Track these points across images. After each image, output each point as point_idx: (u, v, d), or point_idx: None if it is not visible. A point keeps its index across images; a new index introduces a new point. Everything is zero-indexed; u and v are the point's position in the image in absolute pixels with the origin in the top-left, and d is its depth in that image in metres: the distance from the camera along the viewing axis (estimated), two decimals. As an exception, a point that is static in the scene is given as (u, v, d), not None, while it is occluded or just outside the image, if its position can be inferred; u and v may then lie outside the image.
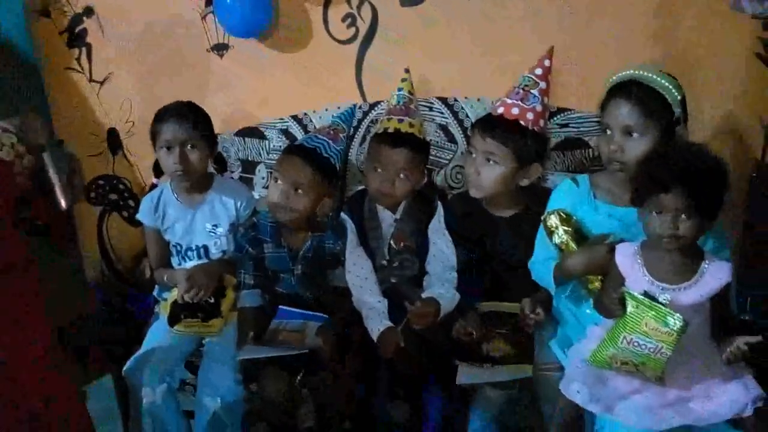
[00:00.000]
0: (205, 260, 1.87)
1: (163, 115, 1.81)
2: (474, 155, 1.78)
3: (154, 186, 1.99)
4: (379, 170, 1.85)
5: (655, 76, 1.54)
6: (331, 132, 1.89)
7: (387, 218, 1.91)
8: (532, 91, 1.76)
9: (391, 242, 1.89)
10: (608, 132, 1.56)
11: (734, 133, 2.04)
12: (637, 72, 1.56)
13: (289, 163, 1.80)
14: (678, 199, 1.32)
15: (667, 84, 1.53)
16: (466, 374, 1.59)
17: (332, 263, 1.85)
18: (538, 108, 1.75)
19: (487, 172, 1.75)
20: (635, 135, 1.52)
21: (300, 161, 1.78)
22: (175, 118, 1.79)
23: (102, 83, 2.32)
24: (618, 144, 1.53)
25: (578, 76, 2.02)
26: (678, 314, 1.29)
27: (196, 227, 1.87)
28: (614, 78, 1.59)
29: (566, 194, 1.66)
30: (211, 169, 1.97)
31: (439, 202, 1.91)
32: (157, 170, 1.88)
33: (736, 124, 2.04)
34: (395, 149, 1.82)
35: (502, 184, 1.76)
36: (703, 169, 1.33)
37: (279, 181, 1.79)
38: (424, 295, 1.75)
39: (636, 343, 1.31)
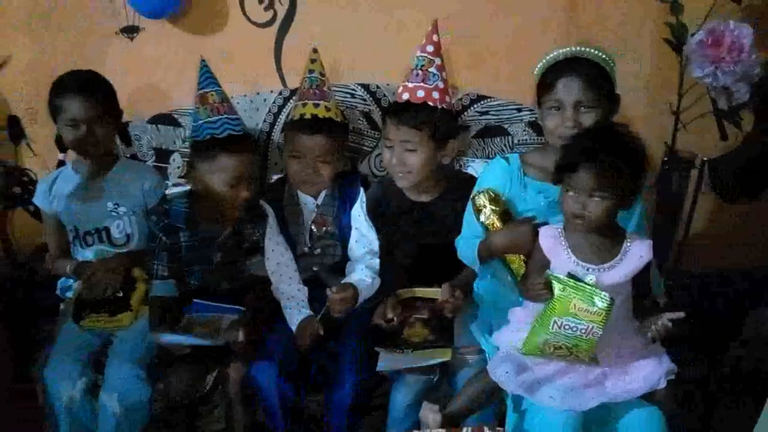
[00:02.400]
0: (107, 246, 1.75)
1: (64, 88, 1.68)
2: (392, 146, 1.76)
3: (62, 163, 1.85)
4: (299, 158, 1.80)
5: (592, 50, 1.57)
6: (228, 107, 1.73)
7: (308, 204, 1.87)
8: (429, 69, 1.74)
9: (312, 227, 1.85)
10: (557, 110, 1.56)
11: (645, 119, 2.11)
12: (575, 48, 1.59)
13: (225, 162, 1.67)
14: (586, 179, 1.34)
15: (604, 56, 1.57)
16: (385, 360, 1.56)
17: (251, 251, 1.79)
18: (441, 85, 1.75)
19: (410, 160, 1.74)
20: (587, 108, 1.55)
21: (238, 156, 1.67)
22: (79, 92, 1.67)
23: (0, 66, 2.16)
24: (572, 119, 1.54)
25: (493, 64, 2.04)
26: (604, 293, 1.30)
27: (96, 207, 1.74)
28: (550, 57, 1.60)
29: (496, 172, 1.66)
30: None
31: (361, 188, 1.88)
32: (61, 144, 1.75)
33: (647, 109, 2.11)
34: (314, 136, 1.78)
35: (426, 168, 1.75)
36: (613, 149, 1.34)
37: (234, 183, 1.68)
38: (348, 280, 1.72)
39: (567, 326, 1.31)
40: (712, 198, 2.22)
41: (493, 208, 1.57)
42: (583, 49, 1.59)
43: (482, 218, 1.59)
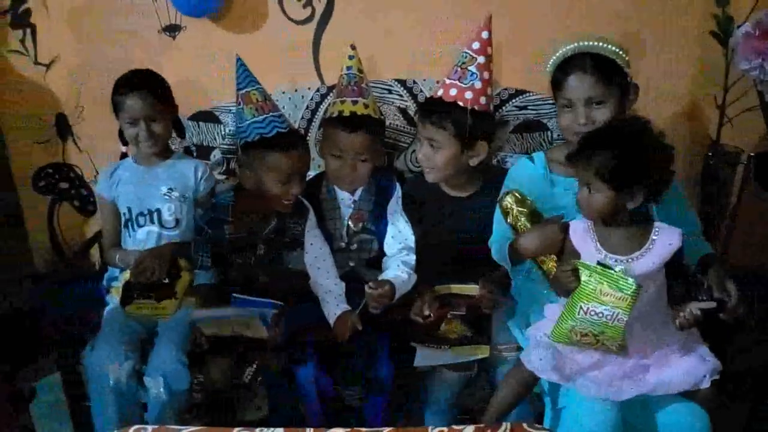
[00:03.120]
0: (156, 227, 1.80)
1: (124, 87, 1.76)
2: (421, 142, 1.77)
3: (124, 155, 1.93)
4: (338, 156, 1.80)
5: (601, 44, 1.56)
6: (265, 103, 1.76)
7: (346, 200, 1.88)
8: (469, 68, 1.72)
9: (349, 223, 1.86)
10: (569, 107, 1.57)
11: (689, 113, 2.07)
12: (582, 44, 1.57)
13: (278, 159, 1.71)
14: (585, 172, 1.35)
15: (614, 49, 1.56)
16: (423, 356, 1.57)
17: (291, 245, 1.81)
18: (477, 85, 1.71)
19: (434, 157, 1.74)
20: (599, 104, 1.54)
21: (292, 153, 1.72)
22: (138, 91, 1.74)
23: (48, 66, 2.23)
24: (585, 116, 1.54)
25: (533, 57, 2.01)
26: (630, 278, 1.29)
27: (150, 189, 1.81)
28: (559, 55, 1.59)
29: (522, 173, 1.65)
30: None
31: (397, 183, 1.89)
32: (123, 138, 1.84)
33: (691, 103, 2.06)
34: (353, 134, 1.77)
35: (450, 166, 1.74)
36: (610, 143, 1.33)
37: (286, 180, 1.73)
38: (385, 276, 1.72)
39: (593, 312, 1.31)
40: (760, 193, 2.16)
41: (520, 209, 1.55)
42: (589, 43, 1.57)
43: (510, 220, 1.57)
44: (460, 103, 1.70)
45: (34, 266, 2.39)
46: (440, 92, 1.74)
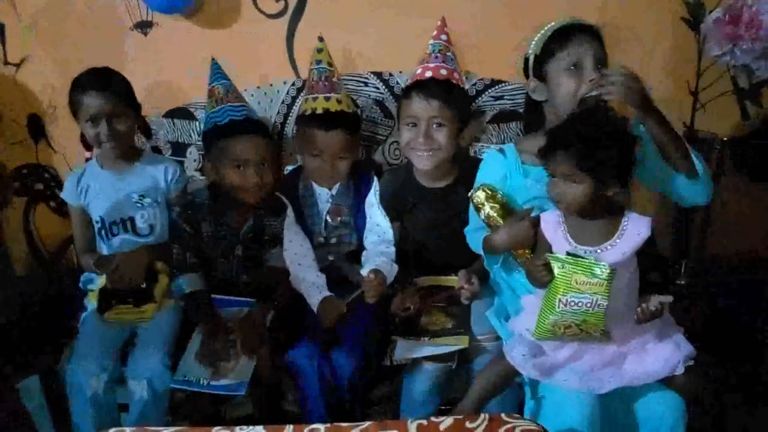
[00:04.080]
0: (131, 235, 1.78)
1: (82, 85, 1.70)
2: (416, 124, 1.71)
3: (88, 159, 1.88)
4: (317, 155, 1.78)
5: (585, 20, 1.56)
6: (238, 96, 1.78)
7: (323, 195, 1.87)
8: (447, 53, 1.74)
9: (327, 218, 1.85)
10: (575, 69, 1.51)
11: (663, 100, 2.06)
12: (572, 18, 1.56)
13: (241, 145, 1.69)
14: (560, 164, 1.35)
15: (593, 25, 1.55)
16: (402, 348, 1.57)
17: (271, 243, 1.80)
18: (459, 69, 1.75)
19: (438, 136, 1.70)
20: (601, 67, 1.51)
21: (253, 138, 1.71)
22: (96, 88, 1.68)
23: (19, 66, 2.20)
24: (595, 77, 1.48)
25: (509, 47, 2.01)
26: (603, 263, 1.30)
27: (122, 198, 1.77)
28: (553, 24, 1.57)
29: (494, 166, 1.64)
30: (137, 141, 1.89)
31: (375, 177, 1.88)
32: (85, 142, 1.79)
33: (665, 90, 2.07)
34: (330, 132, 1.74)
35: (450, 147, 1.72)
36: (586, 133, 1.33)
37: (240, 167, 1.70)
38: (366, 268, 1.70)
39: (572, 303, 1.32)
40: (735, 178, 2.18)
41: (492, 204, 1.55)
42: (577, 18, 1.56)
43: (482, 216, 1.57)
44: (453, 81, 1.70)
45: (12, 269, 2.36)
46: (428, 73, 1.72)
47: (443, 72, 1.71)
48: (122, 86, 1.75)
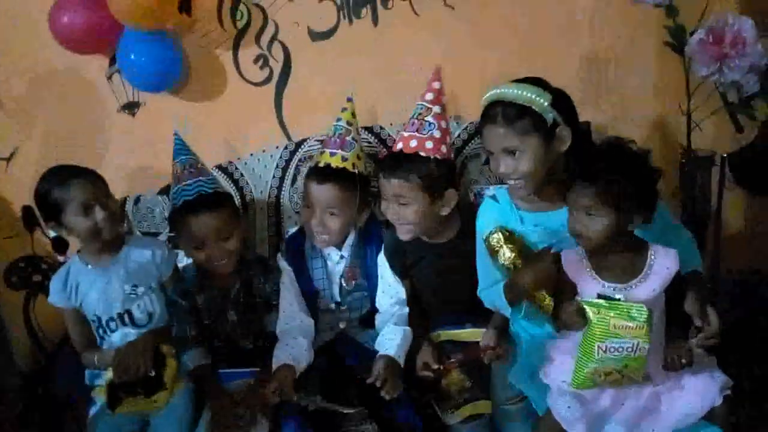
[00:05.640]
0: (130, 328, 1.71)
1: (59, 180, 1.63)
2: (387, 200, 1.71)
3: (61, 263, 1.79)
4: (309, 207, 1.78)
5: (516, 91, 1.49)
6: (193, 171, 1.77)
7: (333, 256, 1.82)
8: (426, 118, 1.69)
9: (342, 282, 1.80)
10: (492, 155, 1.54)
11: (658, 124, 2.08)
12: (498, 90, 1.52)
13: (197, 224, 1.71)
14: (580, 198, 1.32)
15: (529, 95, 1.48)
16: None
17: (266, 307, 1.78)
18: (436, 134, 1.68)
19: (404, 214, 1.68)
20: (517, 153, 1.50)
21: (206, 215, 1.70)
22: (79, 176, 1.64)
23: (9, 159, 2.18)
24: (506, 165, 1.51)
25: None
26: (639, 304, 1.26)
27: (114, 292, 1.69)
28: (482, 101, 1.55)
29: (490, 213, 1.62)
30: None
31: (384, 233, 1.84)
32: (59, 246, 1.73)
33: (659, 114, 2.08)
34: (322, 185, 1.74)
35: (423, 219, 1.69)
36: (608, 166, 1.32)
37: (199, 248, 1.72)
38: (381, 347, 1.65)
39: (612, 349, 1.27)
40: (738, 193, 2.16)
41: (510, 246, 1.52)
42: (502, 91, 1.51)
43: (501, 259, 1.53)
44: (422, 153, 1.66)
45: (15, 366, 2.29)
46: (399, 146, 1.70)
47: (413, 144, 1.67)
48: (94, 172, 1.70)
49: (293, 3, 2.05)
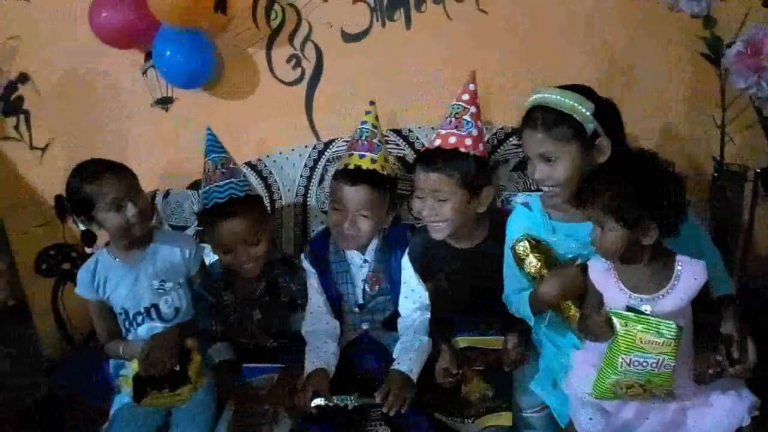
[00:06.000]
0: (157, 322, 1.73)
1: (91, 176, 1.64)
2: (423, 197, 1.70)
3: (89, 256, 1.81)
4: (338, 209, 1.77)
5: (559, 98, 1.48)
6: (225, 171, 1.77)
7: (356, 260, 1.82)
8: (464, 117, 1.70)
9: (366, 287, 1.80)
10: (529, 159, 1.54)
11: (691, 136, 2.05)
12: (542, 96, 1.51)
13: (224, 229, 1.72)
14: (594, 211, 1.32)
15: (572, 103, 1.47)
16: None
17: (291, 307, 1.79)
18: (474, 132, 1.69)
19: (442, 210, 1.68)
20: (553, 160, 1.49)
21: (235, 220, 1.71)
22: (110, 172, 1.64)
23: (44, 150, 2.23)
24: (541, 171, 1.51)
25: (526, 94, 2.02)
26: (669, 321, 1.24)
27: (142, 287, 1.71)
28: (525, 104, 1.55)
29: (521, 221, 1.61)
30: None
31: (409, 237, 1.83)
32: (87, 239, 1.74)
33: (692, 126, 2.05)
34: (354, 187, 1.74)
35: (459, 217, 1.69)
36: (615, 179, 1.31)
37: (227, 252, 1.74)
38: (397, 354, 1.64)
39: (636, 363, 1.25)
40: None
41: (536, 254, 1.51)
42: (546, 96, 1.50)
43: (527, 268, 1.52)
44: (462, 149, 1.67)
45: (42, 354, 2.34)
46: (437, 142, 1.71)
47: (452, 140, 1.68)
48: (126, 168, 1.71)
49: (327, 4, 2.07)
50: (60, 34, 2.12)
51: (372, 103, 1.85)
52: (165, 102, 2.17)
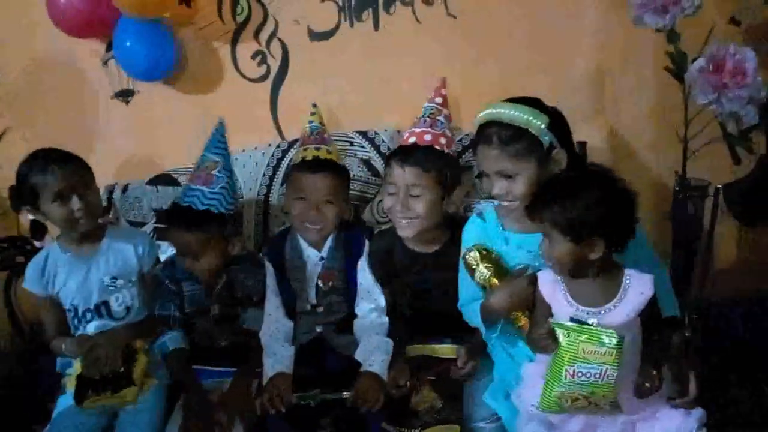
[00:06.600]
0: (107, 320, 1.69)
1: (38, 166, 1.59)
2: (395, 192, 1.69)
3: (37, 250, 1.79)
4: (303, 198, 1.76)
5: (513, 112, 1.46)
6: (203, 175, 1.72)
7: (312, 257, 1.81)
8: (438, 117, 1.73)
9: (319, 283, 1.79)
10: (485, 176, 1.52)
11: (654, 148, 2.06)
12: (494, 111, 1.48)
13: (173, 234, 1.69)
14: (542, 224, 1.32)
15: (527, 117, 1.45)
16: None
17: (246, 301, 1.76)
18: (448, 133, 1.72)
19: (415, 206, 1.67)
20: (512, 176, 1.48)
21: (180, 231, 1.68)
22: (59, 162, 1.59)
23: (0, 138, 2.17)
24: (500, 187, 1.49)
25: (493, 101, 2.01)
26: (610, 330, 1.24)
27: (92, 283, 1.67)
28: (476, 120, 1.53)
29: (475, 231, 1.60)
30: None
31: (366, 240, 1.82)
32: (36, 231, 1.69)
33: (655, 139, 2.06)
34: (316, 174, 1.75)
35: (432, 214, 1.68)
36: (562, 192, 1.30)
37: (176, 252, 1.72)
38: (361, 356, 1.63)
39: (580, 374, 1.25)
40: (731, 224, 2.14)
41: (486, 264, 1.50)
42: (499, 111, 1.48)
43: (477, 277, 1.51)
44: (437, 147, 1.67)
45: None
46: (412, 139, 1.71)
47: (427, 138, 1.69)
48: (77, 159, 1.66)
49: (294, 0, 2.04)
50: (20, 20, 2.07)
51: (314, 105, 1.89)
52: (126, 94, 2.13)
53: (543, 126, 1.45)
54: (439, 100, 1.78)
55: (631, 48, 2.00)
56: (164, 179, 2.11)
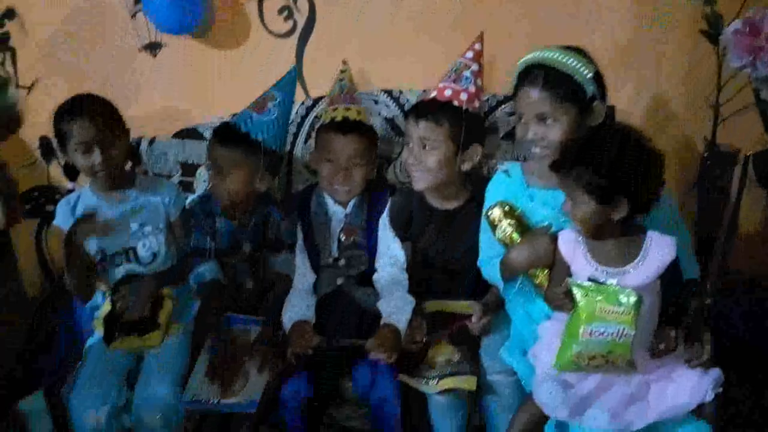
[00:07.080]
0: (135, 264, 1.74)
1: (70, 114, 1.63)
2: (411, 144, 1.70)
3: (71, 191, 1.81)
4: (331, 161, 1.77)
5: (561, 57, 1.46)
6: (259, 102, 1.78)
7: (338, 213, 1.83)
8: (464, 73, 1.69)
9: (341, 237, 1.81)
10: (522, 120, 1.51)
11: (684, 114, 2.02)
12: (542, 54, 1.48)
13: (211, 147, 1.75)
14: (567, 183, 1.31)
15: (574, 64, 1.45)
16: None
17: (275, 246, 1.79)
18: (472, 89, 1.68)
19: (426, 159, 1.67)
20: (550, 121, 1.47)
21: (216, 144, 1.74)
22: (87, 115, 1.61)
23: (30, 89, 2.20)
24: (535, 131, 1.48)
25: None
26: (628, 289, 1.24)
27: (122, 229, 1.71)
28: (521, 62, 1.52)
29: (499, 188, 1.60)
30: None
31: (389, 197, 1.83)
32: (70, 173, 1.73)
33: (685, 104, 2.01)
34: (347, 136, 1.74)
35: (443, 169, 1.68)
36: (588, 153, 1.29)
37: (210, 170, 1.77)
38: (383, 308, 1.65)
39: (598, 333, 1.26)
40: (760, 193, 2.10)
41: (509, 221, 1.50)
42: (547, 55, 1.47)
43: (499, 234, 1.51)
44: (455, 103, 1.66)
45: (23, 292, 2.35)
46: (433, 93, 1.70)
47: (447, 93, 1.67)
48: (111, 111, 1.68)
49: (322, -46, 2.02)
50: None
51: (344, 62, 1.86)
52: (153, 47, 2.14)
53: (589, 75, 1.45)
54: (470, 54, 1.72)
55: (666, 9, 1.94)
56: (190, 133, 2.13)
